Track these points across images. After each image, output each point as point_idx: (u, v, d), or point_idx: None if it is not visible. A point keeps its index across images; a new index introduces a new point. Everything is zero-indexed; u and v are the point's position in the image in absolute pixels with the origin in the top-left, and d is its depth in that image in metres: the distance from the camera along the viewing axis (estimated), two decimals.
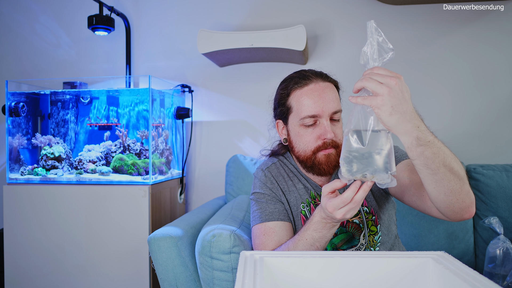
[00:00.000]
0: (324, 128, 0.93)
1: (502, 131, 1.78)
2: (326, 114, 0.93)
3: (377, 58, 0.68)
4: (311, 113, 0.93)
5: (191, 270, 1.19)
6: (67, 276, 1.58)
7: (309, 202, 1.02)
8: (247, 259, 0.62)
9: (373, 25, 0.67)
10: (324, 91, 0.94)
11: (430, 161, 0.70)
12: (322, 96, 0.93)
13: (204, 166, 2.02)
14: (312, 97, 0.93)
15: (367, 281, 0.62)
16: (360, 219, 0.99)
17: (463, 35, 1.80)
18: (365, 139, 0.67)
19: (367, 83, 0.66)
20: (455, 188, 0.73)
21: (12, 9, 2.12)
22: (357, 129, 0.68)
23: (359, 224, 0.99)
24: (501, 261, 1.34)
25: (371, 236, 1.00)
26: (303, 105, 0.94)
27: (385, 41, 0.67)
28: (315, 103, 0.92)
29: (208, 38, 1.69)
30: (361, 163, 0.68)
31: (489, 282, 0.52)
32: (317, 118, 0.93)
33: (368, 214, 1.00)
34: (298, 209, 1.02)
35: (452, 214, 0.78)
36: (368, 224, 0.99)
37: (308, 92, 0.94)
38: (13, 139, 1.75)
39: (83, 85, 1.82)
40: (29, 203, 1.60)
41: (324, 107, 0.92)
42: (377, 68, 0.67)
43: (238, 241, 1.05)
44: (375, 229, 1.00)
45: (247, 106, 1.97)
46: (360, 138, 0.68)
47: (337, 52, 1.89)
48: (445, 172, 0.71)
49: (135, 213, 1.53)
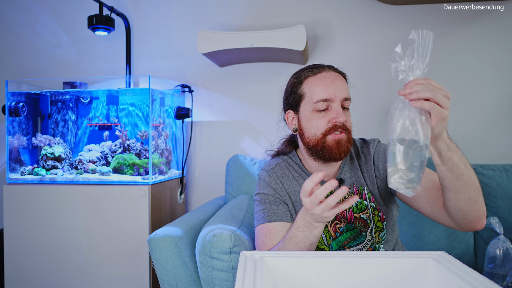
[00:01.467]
0: (336, 111, 0.95)
1: (502, 131, 1.78)
2: (338, 99, 0.96)
3: (423, 65, 0.67)
4: (324, 97, 0.95)
5: (191, 270, 1.19)
6: (67, 276, 1.58)
7: None
8: (247, 259, 0.62)
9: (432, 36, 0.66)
10: (336, 78, 0.98)
11: (456, 166, 0.74)
12: (334, 82, 0.97)
13: (204, 166, 2.02)
14: (325, 83, 0.97)
15: (367, 281, 0.62)
16: (367, 214, 1.00)
17: (463, 35, 1.80)
18: (416, 149, 0.66)
19: (433, 94, 0.66)
20: (473, 196, 0.78)
21: (12, 9, 2.12)
22: (405, 138, 0.66)
23: (366, 219, 1.00)
24: (501, 261, 1.34)
25: (377, 232, 1.01)
26: (316, 90, 0.97)
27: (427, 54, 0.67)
28: (327, 88, 0.96)
29: (208, 38, 1.69)
30: (408, 173, 0.67)
31: (489, 282, 0.52)
32: (329, 102, 0.96)
33: (374, 210, 1.01)
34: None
35: (466, 223, 0.82)
36: (374, 219, 1.00)
37: (321, 78, 0.98)
38: (13, 139, 1.75)
39: (83, 85, 1.82)
40: (29, 203, 1.60)
41: (336, 92, 0.95)
42: (431, 80, 0.68)
43: (238, 241, 1.05)
44: (381, 225, 1.01)
45: (247, 106, 1.97)
46: (410, 147, 0.66)
47: (337, 52, 1.89)
48: (466, 179, 0.76)
49: (135, 213, 1.53)
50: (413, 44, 0.65)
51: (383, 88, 1.85)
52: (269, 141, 1.96)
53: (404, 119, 0.67)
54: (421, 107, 0.66)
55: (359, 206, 1.00)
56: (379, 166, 1.02)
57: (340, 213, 1.00)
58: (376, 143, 1.07)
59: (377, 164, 1.03)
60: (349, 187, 1.02)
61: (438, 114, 0.67)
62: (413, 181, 0.67)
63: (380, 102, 1.85)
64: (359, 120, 1.86)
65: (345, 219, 1.00)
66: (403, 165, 0.67)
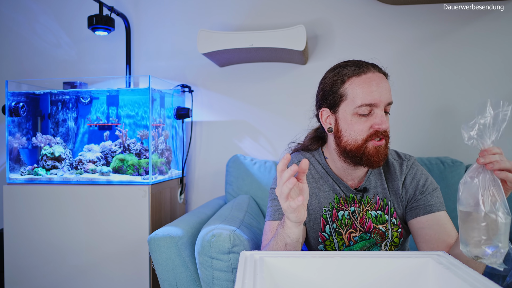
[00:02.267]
0: (380, 117, 0.89)
1: (502, 131, 1.78)
2: (382, 104, 0.90)
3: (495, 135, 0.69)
4: (368, 101, 0.89)
5: (191, 270, 1.19)
6: (67, 276, 1.58)
7: (332, 206, 0.99)
8: (247, 259, 0.62)
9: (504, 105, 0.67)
10: (381, 81, 0.92)
11: None
12: (380, 85, 0.90)
13: (204, 166, 2.02)
14: (370, 86, 0.90)
15: (367, 281, 0.62)
16: (386, 227, 0.98)
17: (463, 35, 1.80)
18: (507, 221, 0.66)
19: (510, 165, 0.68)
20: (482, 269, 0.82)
21: (12, 9, 2.12)
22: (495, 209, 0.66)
23: (384, 232, 0.98)
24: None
25: (392, 246, 0.99)
26: (361, 93, 0.90)
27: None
28: (373, 92, 0.89)
29: (208, 38, 1.69)
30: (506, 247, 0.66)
31: (489, 282, 0.52)
32: (373, 107, 0.90)
33: (394, 226, 0.99)
34: (319, 212, 1.00)
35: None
36: (393, 234, 0.99)
37: (366, 80, 0.91)
38: (13, 139, 1.75)
39: (83, 85, 1.82)
40: (29, 203, 1.60)
41: (382, 97, 0.89)
42: (499, 148, 0.71)
43: (237, 241, 1.05)
44: (397, 242, 1.00)
45: (247, 106, 1.97)
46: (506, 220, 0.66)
47: (337, 52, 1.89)
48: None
49: (135, 213, 1.53)
50: (491, 115, 0.69)
51: None
52: (270, 141, 1.96)
53: (491, 190, 0.67)
54: (502, 177, 0.67)
55: (379, 218, 0.98)
56: (408, 190, 0.98)
57: (359, 221, 0.98)
58: (410, 162, 1.02)
59: (407, 188, 0.98)
60: (372, 197, 1.00)
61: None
62: (504, 254, 0.65)
63: None
64: None
65: (363, 228, 0.98)
66: (504, 239, 0.65)
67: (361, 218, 0.98)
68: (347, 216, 0.99)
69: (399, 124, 1.84)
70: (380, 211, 0.98)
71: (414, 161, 1.02)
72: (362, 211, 0.99)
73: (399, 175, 0.99)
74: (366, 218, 0.98)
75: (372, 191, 1.00)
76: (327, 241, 1.00)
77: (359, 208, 0.99)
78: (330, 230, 0.99)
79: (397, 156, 1.04)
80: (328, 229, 0.99)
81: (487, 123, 0.67)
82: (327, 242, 1.00)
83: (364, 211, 0.98)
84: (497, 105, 0.66)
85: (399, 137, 1.84)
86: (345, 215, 0.99)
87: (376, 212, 0.98)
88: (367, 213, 0.98)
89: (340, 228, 0.99)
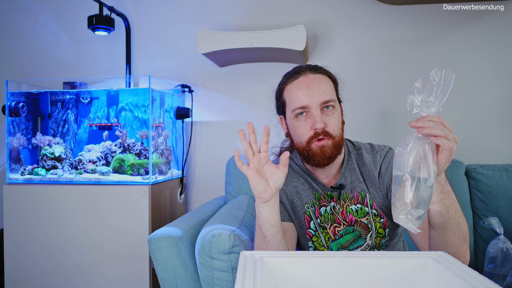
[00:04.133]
0: (314, 118, 0.93)
1: (502, 131, 1.78)
2: (315, 104, 0.93)
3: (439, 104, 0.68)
4: (300, 104, 0.94)
5: (191, 270, 1.19)
6: (67, 276, 1.58)
7: (314, 203, 1.03)
8: (247, 259, 0.62)
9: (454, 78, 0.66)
10: (312, 82, 0.95)
11: (445, 210, 0.76)
12: (310, 87, 0.94)
13: (204, 166, 2.02)
14: (300, 89, 0.95)
15: (367, 281, 0.62)
16: (367, 219, 1.00)
17: (463, 35, 1.80)
18: (426, 186, 0.67)
19: (445, 134, 0.68)
20: (457, 242, 0.80)
21: (12, 9, 2.12)
22: (417, 174, 0.67)
23: (367, 224, 1.00)
24: (501, 261, 1.34)
25: (378, 237, 1.00)
26: (293, 97, 0.96)
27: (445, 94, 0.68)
28: (303, 95, 0.94)
29: (208, 38, 1.69)
30: (417, 210, 0.68)
31: (489, 282, 0.52)
32: (306, 109, 0.94)
33: (376, 217, 1.00)
34: (302, 209, 1.03)
35: None
36: (376, 225, 1.00)
37: (297, 85, 0.96)
38: (13, 139, 1.75)
39: (83, 85, 1.82)
40: (29, 203, 1.60)
41: (312, 98, 0.93)
42: (444, 120, 0.70)
43: (238, 241, 1.05)
44: (383, 232, 1.01)
45: (247, 106, 1.97)
46: (422, 184, 0.67)
47: (337, 52, 1.89)
48: (453, 224, 0.77)
49: (135, 213, 1.53)
50: (433, 82, 0.66)
51: (383, 88, 1.85)
52: (269, 141, 1.95)
53: (418, 154, 0.67)
54: (437, 142, 0.67)
55: (359, 211, 1.00)
56: (384, 178, 1.00)
57: (340, 215, 1.01)
58: (384, 152, 1.04)
59: (383, 176, 1.00)
60: (349, 192, 1.01)
61: (450, 153, 0.68)
62: (420, 218, 0.68)
63: (379, 102, 1.85)
64: (358, 120, 1.86)
65: (345, 222, 1.00)
66: (414, 202, 0.67)
67: (342, 213, 1.01)
68: (329, 211, 1.01)
69: (399, 124, 1.84)
70: (360, 205, 1.00)
71: (388, 150, 1.05)
72: (342, 207, 1.01)
73: (374, 166, 1.02)
74: (347, 212, 1.00)
75: (348, 186, 1.01)
76: (314, 237, 1.02)
77: (339, 204, 1.01)
78: (315, 226, 1.02)
79: (370, 149, 1.06)
80: (313, 225, 1.02)
81: (432, 92, 0.67)
82: (314, 238, 1.02)
83: (344, 207, 1.01)
84: (441, 73, 0.66)
85: (399, 137, 1.84)
86: (327, 210, 1.01)
87: (356, 206, 1.01)
88: (347, 208, 1.00)
89: (324, 223, 1.01)
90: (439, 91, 0.66)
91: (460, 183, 1.58)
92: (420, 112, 0.70)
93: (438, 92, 0.66)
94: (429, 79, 0.66)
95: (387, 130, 1.86)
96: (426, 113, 0.69)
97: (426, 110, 0.69)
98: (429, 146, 0.68)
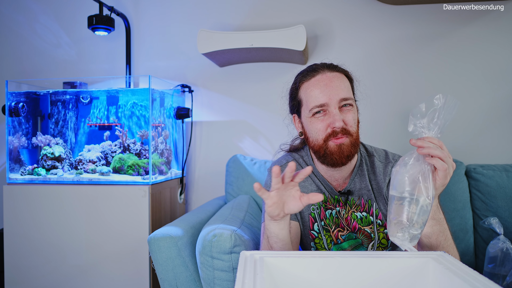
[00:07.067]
0: (333, 116, 0.92)
1: (502, 131, 1.78)
2: (333, 102, 0.92)
3: (438, 130, 0.70)
4: (318, 102, 0.93)
5: (191, 270, 1.19)
6: (67, 276, 1.58)
7: (320, 205, 1.02)
8: (247, 259, 0.62)
9: (457, 106, 0.68)
10: (331, 80, 0.94)
11: (434, 236, 0.78)
12: (329, 85, 0.93)
13: (204, 166, 2.01)
14: (318, 87, 0.94)
15: (367, 281, 0.62)
16: (371, 229, 0.99)
17: (463, 35, 1.80)
18: (425, 206, 0.68)
19: (444, 156, 0.70)
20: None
21: (12, 9, 2.12)
22: (415, 193, 0.68)
23: (370, 233, 0.99)
24: (501, 261, 1.34)
25: (380, 248, 1.00)
26: (311, 96, 0.95)
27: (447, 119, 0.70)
28: (321, 93, 0.93)
29: (208, 38, 1.69)
30: (415, 229, 0.69)
31: (489, 282, 0.52)
32: (325, 107, 0.93)
33: (380, 227, 0.99)
34: (307, 210, 1.02)
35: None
36: (379, 236, 0.99)
37: (315, 83, 0.95)
38: (13, 139, 1.75)
39: (83, 85, 1.82)
40: (29, 203, 1.60)
41: (331, 96, 0.92)
42: (443, 144, 0.71)
43: (239, 241, 1.05)
44: (385, 243, 1.00)
45: (247, 106, 1.97)
46: (422, 204, 0.68)
47: (337, 52, 1.89)
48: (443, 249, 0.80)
49: (135, 213, 1.53)
50: (437, 107, 0.68)
51: (383, 88, 1.85)
52: (269, 141, 1.96)
53: (417, 174, 0.69)
54: (432, 163, 0.69)
55: (364, 220, 0.99)
56: None
57: (345, 221, 1.00)
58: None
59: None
60: (356, 199, 1.01)
61: (446, 176, 0.70)
62: (416, 237, 0.69)
63: (380, 102, 1.85)
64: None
65: (349, 228, 1.00)
66: (411, 221, 0.68)
67: (346, 219, 1.00)
68: (335, 215, 1.01)
69: (398, 124, 1.84)
70: (365, 213, 0.99)
71: None
72: (347, 212, 1.00)
73: (383, 177, 1.00)
74: (352, 219, 0.99)
75: (356, 193, 1.00)
76: (317, 238, 1.02)
77: (345, 209, 1.01)
78: (318, 228, 1.02)
79: (384, 157, 1.04)
80: (316, 227, 1.02)
81: (435, 116, 0.69)
82: (316, 240, 1.02)
83: (349, 213, 1.00)
84: (445, 99, 0.68)
85: (399, 137, 1.84)
86: (332, 214, 1.01)
87: (362, 214, 1.00)
88: (352, 215, 1.00)
89: (328, 226, 1.01)
90: (442, 116, 0.69)
91: (460, 183, 1.58)
92: (421, 134, 0.72)
93: (441, 118, 0.69)
94: (433, 103, 0.69)
95: (386, 130, 1.86)
96: (427, 135, 0.71)
97: (427, 132, 0.71)
98: (428, 167, 0.70)
